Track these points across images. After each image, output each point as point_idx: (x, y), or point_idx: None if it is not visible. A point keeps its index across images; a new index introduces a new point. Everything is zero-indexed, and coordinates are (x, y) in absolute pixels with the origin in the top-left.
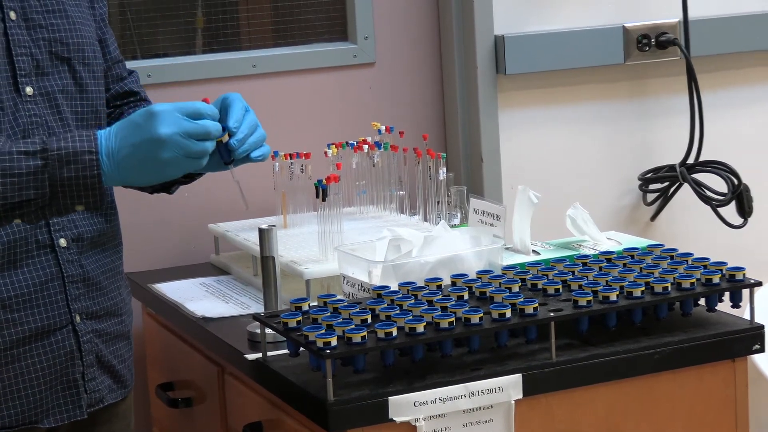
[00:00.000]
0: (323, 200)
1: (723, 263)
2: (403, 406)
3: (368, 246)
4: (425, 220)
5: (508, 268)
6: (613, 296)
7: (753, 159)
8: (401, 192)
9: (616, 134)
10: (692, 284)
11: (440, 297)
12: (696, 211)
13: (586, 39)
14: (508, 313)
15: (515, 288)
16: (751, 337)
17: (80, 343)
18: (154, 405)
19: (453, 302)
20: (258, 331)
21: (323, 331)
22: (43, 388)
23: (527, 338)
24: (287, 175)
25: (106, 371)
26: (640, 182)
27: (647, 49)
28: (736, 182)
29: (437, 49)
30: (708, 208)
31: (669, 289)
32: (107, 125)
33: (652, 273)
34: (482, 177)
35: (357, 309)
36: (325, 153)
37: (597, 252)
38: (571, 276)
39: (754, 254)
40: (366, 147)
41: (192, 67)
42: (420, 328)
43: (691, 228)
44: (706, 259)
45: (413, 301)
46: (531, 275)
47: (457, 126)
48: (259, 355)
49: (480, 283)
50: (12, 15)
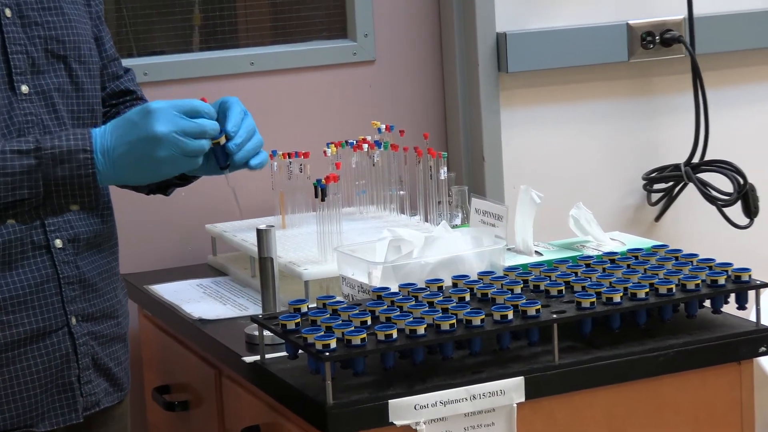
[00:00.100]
0: (322, 200)
1: (728, 264)
2: (404, 410)
3: (368, 247)
4: (426, 221)
5: (510, 269)
6: (617, 298)
7: (759, 158)
8: (401, 192)
9: (620, 133)
10: (697, 285)
11: (441, 299)
12: (701, 211)
13: (590, 36)
14: (510, 315)
15: (517, 289)
16: (758, 340)
17: (76, 346)
18: (150, 408)
19: (454, 304)
20: (256, 333)
21: (322, 333)
22: (38, 392)
23: (529, 340)
24: (286, 175)
25: (102, 374)
26: (644, 182)
27: (651, 47)
28: (742, 182)
29: (438, 47)
30: (713, 208)
31: (674, 291)
32: (103, 124)
33: (657, 274)
34: (484, 176)
35: (357, 311)
36: (324, 152)
37: (600, 253)
38: (574, 277)
39: (760, 255)
40: (366, 146)
41: (189, 65)
42: (421, 330)
43: (696, 228)
44: (712, 260)
45: (414, 303)
46: (533, 276)
47: (459, 125)
48: (257, 358)
49: (481, 285)
50: (7, 12)
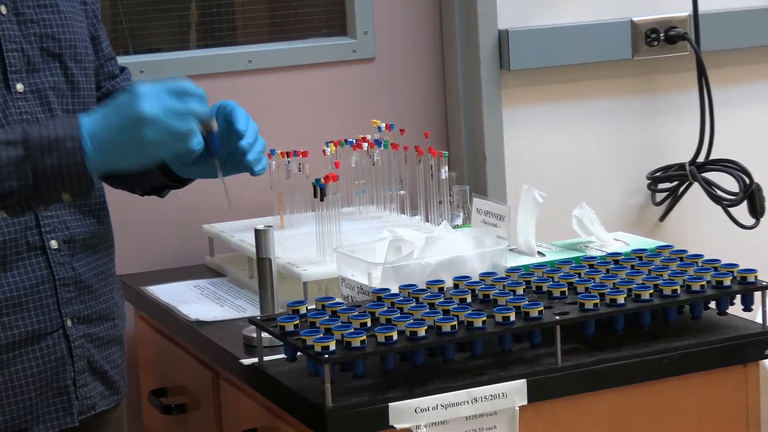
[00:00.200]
0: (321, 200)
1: (734, 265)
2: (404, 413)
3: (368, 247)
4: (426, 221)
5: (512, 270)
6: (621, 299)
7: (765, 157)
8: (402, 191)
9: (624, 132)
10: (702, 287)
11: (442, 300)
12: (706, 211)
13: (593, 33)
14: (512, 317)
15: (519, 291)
16: (764, 342)
17: (71, 348)
18: (147, 411)
19: (455, 305)
20: (254, 335)
21: (321, 335)
22: (33, 395)
23: (532, 342)
24: (284, 174)
25: (98, 377)
26: (649, 181)
27: (656, 44)
28: (748, 181)
29: (439, 44)
30: (719, 208)
31: (678, 292)
32: None
33: (661, 275)
34: (485, 176)
35: (356, 312)
36: (324, 151)
37: (604, 253)
38: (578, 278)
39: (767, 255)
40: (365, 145)
41: (186, 63)
42: (421, 332)
43: (702, 228)
44: (717, 261)
45: (414, 304)
46: (536, 277)
47: (460, 123)
48: (255, 360)
49: (483, 286)
50: (3, 9)
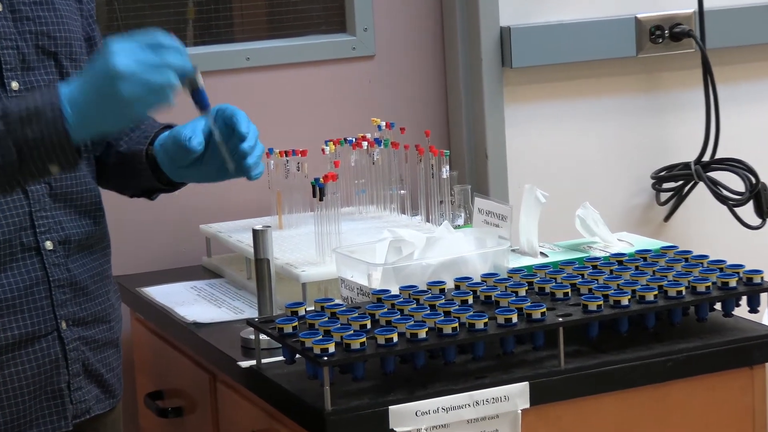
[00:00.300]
0: (320, 200)
1: (740, 266)
2: (404, 416)
3: (368, 248)
4: (427, 221)
5: (515, 271)
6: (625, 300)
7: None
8: (402, 191)
9: (628, 130)
10: (708, 288)
11: (443, 301)
12: (712, 211)
13: (597, 30)
14: (515, 318)
15: (522, 292)
16: None
17: (66, 351)
18: (143, 415)
19: (456, 307)
20: (252, 337)
21: (320, 337)
22: (27, 398)
23: (534, 345)
24: (282, 174)
25: (94, 380)
26: (653, 181)
27: (661, 41)
28: (754, 181)
29: (440, 42)
30: (724, 208)
31: (683, 293)
32: None
33: (666, 276)
34: (487, 175)
35: (356, 314)
36: (323, 150)
37: (608, 254)
38: (581, 279)
39: None
40: (365, 144)
41: None
42: (422, 334)
43: (707, 229)
44: (723, 262)
45: (415, 306)
46: (538, 278)
47: (461, 122)
48: (253, 363)
49: (485, 287)
50: None
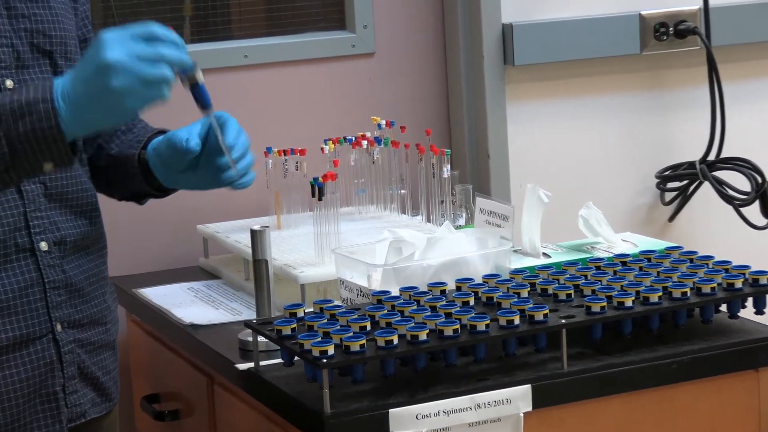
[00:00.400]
0: (319, 200)
1: (746, 267)
2: (405, 419)
3: (367, 248)
4: (428, 221)
5: (517, 272)
6: (629, 302)
7: None
8: (402, 191)
9: (632, 129)
10: (713, 289)
11: (444, 303)
12: (717, 211)
13: (600, 27)
14: (517, 320)
15: (524, 293)
16: None
17: (61, 354)
18: (139, 418)
19: (458, 308)
20: (250, 339)
21: (319, 339)
22: (21, 402)
23: (537, 347)
24: (281, 173)
25: (89, 383)
26: (658, 180)
27: (665, 38)
28: (760, 180)
29: (441, 39)
30: (730, 208)
31: (688, 295)
32: None
33: (670, 277)
34: (489, 175)
35: (355, 315)
36: (322, 149)
37: (611, 255)
38: (584, 280)
39: None
40: (365, 143)
41: None
42: (422, 336)
43: (712, 229)
44: (728, 263)
45: (415, 308)
46: (541, 279)
47: (463, 120)
48: (251, 365)
49: (486, 288)
50: None
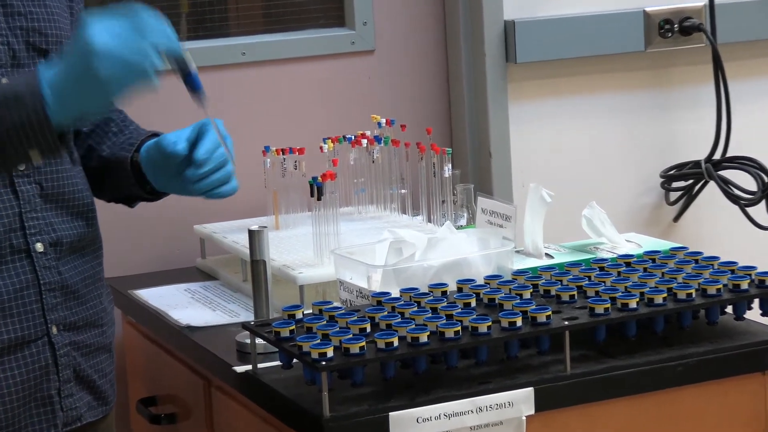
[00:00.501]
0: (318, 199)
1: (752, 267)
2: (405, 423)
3: (367, 249)
4: (429, 221)
5: (519, 273)
6: (633, 303)
7: None
8: (403, 190)
9: (636, 128)
10: (719, 290)
11: (445, 304)
12: (723, 211)
13: (604, 24)
14: (519, 322)
15: (526, 294)
16: None
17: (57, 357)
18: (135, 421)
19: (459, 310)
20: (247, 341)
21: (318, 342)
22: (15, 405)
23: (539, 349)
24: (279, 172)
25: (85, 387)
26: (662, 180)
27: (670, 36)
28: (767, 179)
29: (442, 36)
30: (736, 208)
31: (693, 296)
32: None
33: (675, 278)
34: (491, 174)
35: (355, 317)
36: (321, 148)
37: (615, 255)
38: (587, 281)
39: None
40: (365, 142)
41: None
42: (423, 338)
43: (718, 229)
44: (734, 263)
45: (416, 309)
46: (543, 281)
47: (464, 119)
48: (249, 368)
49: (488, 290)
50: None
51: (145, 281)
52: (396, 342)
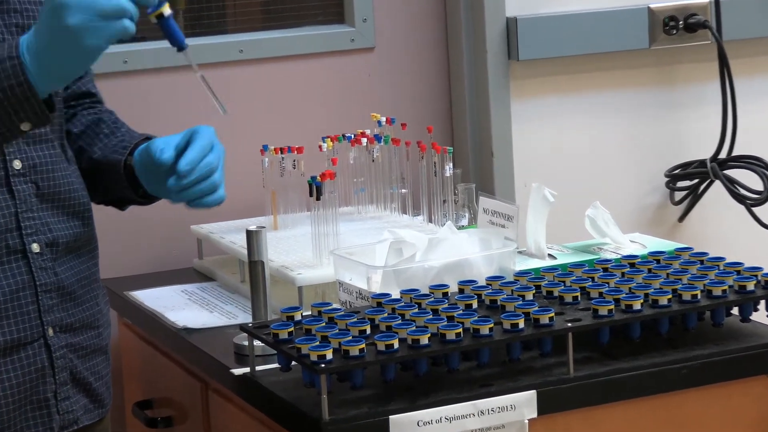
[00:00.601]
0: (317, 199)
1: (758, 268)
2: (406, 426)
3: (367, 249)
4: (430, 221)
5: (521, 274)
6: (637, 305)
7: None
8: (403, 190)
9: (641, 126)
10: (724, 291)
11: (446, 306)
12: (728, 211)
13: (608, 21)
14: (521, 324)
15: (529, 296)
16: None
17: (53, 359)
18: (131, 425)
19: (460, 312)
20: (245, 344)
21: (317, 344)
22: (11, 408)
23: (542, 351)
24: (278, 172)
25: (82, 389)
26: (667, 179)
27: (675, 32)
28: None
29: (443, 33)
30: (742, 208)
31: (698, 297)
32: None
33: (680, 279)
34: (492, 173)
35: (355, 319)
36: (320, 147)
37: (619, 256)
38: (591, 283)
39: None
40: (364, 140)
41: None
42: (424, 340)
43: (723, 229)
44: (740, 264)
45: (416, 311)
46: (546, 282)
47: (465, 117)
48: (247, 370)
49: (490, 291)
50: None
51: (142, 282)
52: (396, 344)
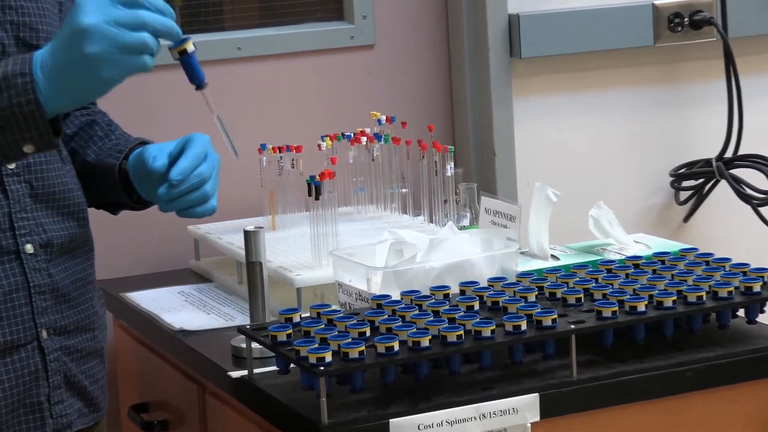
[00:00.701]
0: (316, 199)
1: (765, 269)
2: (406, 430)
3: (367, 250)
4: (431, 221)
5: (524, 275)
6: (642, 306)
7: None
8: (404, 190)
9: (645, 125)
10: (730, 293)
11: (447, 307)
12: (734, 211)
13: (612, 18)
14: (524, 326)
15: (531, 297)
16: None
17: (46, 362)
18: (127, 428)
19: (462, 313)
20: (243, 346)
21: (316, 346)
22: (3, 412)
23: (545, 354)
24: (276, 171)
25: (76, 393)
26: (672, 179)
27: (680, 30)
28: None
29: (444, 30)
30: (748, 208)
31: (704, 299)
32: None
33: (685, 280)
34: (494, 173)
35: (354, 321)
36: (319, 146)
37: (623, 257)
38: (594, 284)
39: None
40: (364, 139)
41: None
42: (425, 342)
43: (729, 230)
44: (746, 265)
45: (417, 312)
46: (549, 283)
47: (467, 116)
48: (245, 373)
49: (492, 292)
50: None
51: (138, 284)
52: (396, 346)
